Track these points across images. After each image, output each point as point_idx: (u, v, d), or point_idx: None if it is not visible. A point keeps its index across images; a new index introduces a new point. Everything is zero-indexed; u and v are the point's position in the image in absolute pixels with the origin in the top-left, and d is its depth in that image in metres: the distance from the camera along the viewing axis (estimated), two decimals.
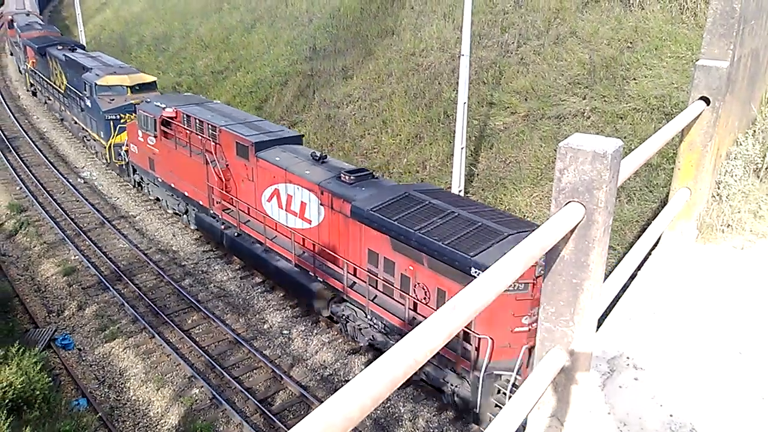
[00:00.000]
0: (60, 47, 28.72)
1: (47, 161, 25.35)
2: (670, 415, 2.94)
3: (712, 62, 4.23)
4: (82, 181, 23.68)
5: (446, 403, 11.72)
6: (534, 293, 10.13)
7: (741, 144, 5.34)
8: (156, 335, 14.26)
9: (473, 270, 10.07)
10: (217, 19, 34.59)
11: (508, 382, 10.24)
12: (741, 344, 3.51)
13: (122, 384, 13.07)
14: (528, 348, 10.28)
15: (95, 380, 13.23)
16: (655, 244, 4.30)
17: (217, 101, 20.08)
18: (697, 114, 4.17)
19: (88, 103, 23.34)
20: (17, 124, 30.14)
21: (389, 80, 22.34)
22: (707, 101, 4.22)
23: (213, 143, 16.26)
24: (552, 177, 3.28)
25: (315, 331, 14.43)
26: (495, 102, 18.70)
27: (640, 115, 15.39)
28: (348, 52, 25.27)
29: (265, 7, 32.46)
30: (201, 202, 17.58)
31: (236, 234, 16.26)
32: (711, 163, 4.48)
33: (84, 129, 25.49)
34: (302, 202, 14.00)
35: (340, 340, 14.07)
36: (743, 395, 3.11)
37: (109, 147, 22.67)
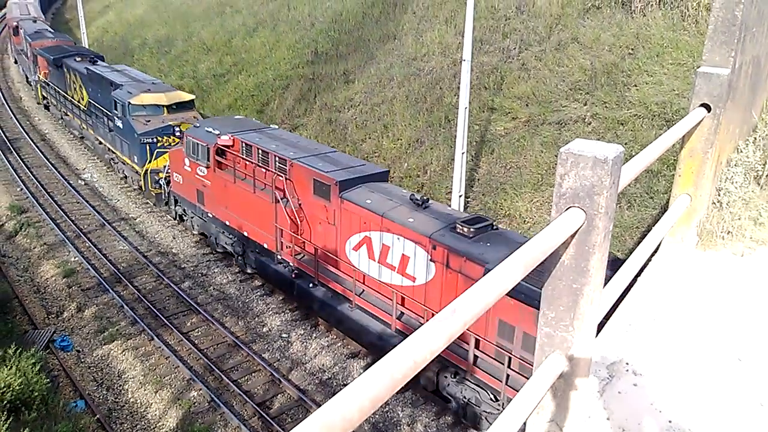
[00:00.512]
0: (78, 59, 26.47)
1: (48, 162, 25.38)
2: (669, 422, 2.94)
3: (713, 69, 4.24)
4: (83, 183, 23.71)
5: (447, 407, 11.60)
6: None
7: (742, 151, 5.35)
8: (155, 337, 14.25)
9: None
10: (220, 23, 34.68)
11: None
12: (740, 351, 3.51)
13: (120, 386, 13.06)
14: None
15: (93, 382, 13.22)
16: (655, 251, 4.30)
17: (274, 126, 17.99)
18: (698, 121, 4.18)
19: (119, 124, 21.08)
20: (19, 126, 30.19)
21: (390, 85, 22.38)
22: (708, 108, 4.23)
23: (282, 178, 14.11)
24: (553, 182, 3.28)
25: (314, 335, 14.43)
26: (496, 107, 18.72)
27: (641, 122, 15.41)
28: (350, 57, 25.33)
29: (268, 11, 32.56)
30: (266, 245, 15.23)
31: (311, 284, 14.11)
32: (711, 170, 4.49)
33: (111, 151, 23.27)
34: (404, 256, 11.91)
35: (339, 344, 14.06)
36: (742, 402, 3.11)
37: (145, 173, 20.28)
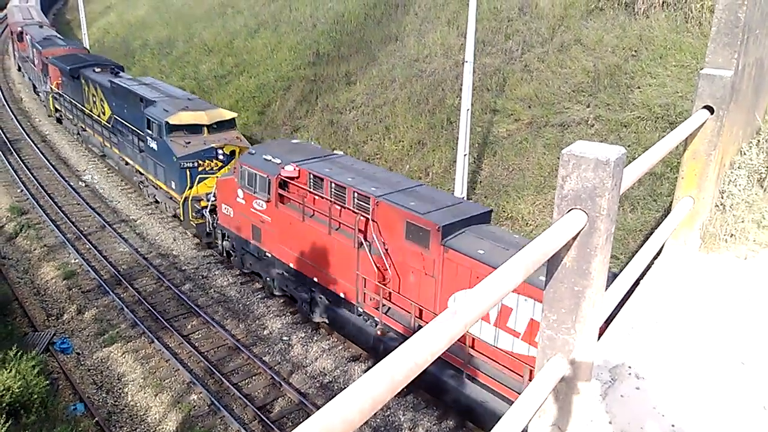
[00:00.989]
0: (97, 69, 24.60)
1: (49, 164, 25.40)
2: (672, 426, 2.91)
3: (717, 71, 4.22)
4: (83, 185, 23.71)
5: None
6: None
7: (745, 153, 5.33)
8: (155, 340, 14.22)
9: None
10: (221, 24, 34.71)
11: None
12: (743, 354, 3.49)
13: (120, 389, 13.03)
14: None
15: (93, 385, 13.19)
16: (658, 253, 4.28)
17: (339, 151, 16.42)
18: (701, 123, 4.15)
19: (153, 145, 19.03)
20: (19, 127, 30.23)
21: (392, 86, 22.38)
22: (711, 110, 4.20)
23: (364, 219, 12.16)
24: (555, 185, 3.27)
25: (315, 338, 14.39)
26: (498, 109, 18.70)
27: (644, 124, 15.38)
28: (351, 58, 25.33)
29: (269, 12, 32.58)
30: (343, 295, 13.13)
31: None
32: (715, 173, 4.46)
33: (140, 173, 21.12)
34: (531, 320, 10.03)
35: (340, 347, 14.03)
36: (745, 405, 3.08)
37: (184, 201, 18.13)
